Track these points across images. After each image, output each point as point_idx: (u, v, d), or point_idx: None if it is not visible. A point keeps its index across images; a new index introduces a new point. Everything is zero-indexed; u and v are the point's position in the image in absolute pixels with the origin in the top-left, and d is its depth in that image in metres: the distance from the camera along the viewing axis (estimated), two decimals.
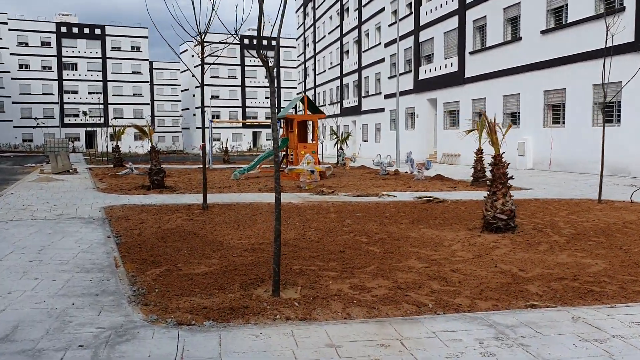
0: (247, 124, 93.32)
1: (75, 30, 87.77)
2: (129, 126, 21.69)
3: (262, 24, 5.16)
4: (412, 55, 36.86)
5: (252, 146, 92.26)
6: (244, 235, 8.23)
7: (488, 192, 8.51)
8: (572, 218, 9.96)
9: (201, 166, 29.99)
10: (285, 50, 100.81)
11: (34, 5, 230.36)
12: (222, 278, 5.71)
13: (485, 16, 28.08)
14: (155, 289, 5.29)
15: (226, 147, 38.17)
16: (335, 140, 31.87)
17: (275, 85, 5.79)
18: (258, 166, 22.32)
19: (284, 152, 22.80)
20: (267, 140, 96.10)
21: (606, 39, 12.24)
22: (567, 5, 22.30)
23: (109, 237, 7.89)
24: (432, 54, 34.39)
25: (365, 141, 47.12)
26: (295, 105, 22.13)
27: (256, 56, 5.39)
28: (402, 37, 38.24)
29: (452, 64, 31.64)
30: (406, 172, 24.61)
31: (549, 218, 9.99)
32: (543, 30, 23.53)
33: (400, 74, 38.78)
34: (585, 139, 21.04)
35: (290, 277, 5.74)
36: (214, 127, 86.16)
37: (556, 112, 23.43)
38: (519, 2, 25.32)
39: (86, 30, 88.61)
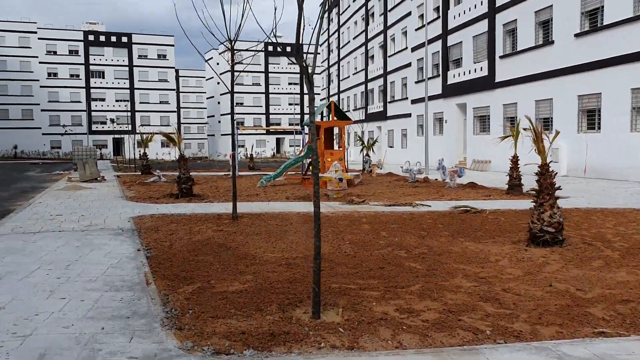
0: (271, 130, 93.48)
1: (102, 38, 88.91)
2: (157, 133, 21.58)
3: (303, 27, 4.83)
4: (440, 60, 36.31)
5: (275, 152, 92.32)
6: (276, 248, 7.89)
7: (534, 203, 8.05)
8: (621, 230, 9.42)
9: (228, 173, 30.05)
10: (309, 56, 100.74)
11: (62, 15, 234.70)
12: (258, 297, 5.38)
13: (516, 20, 27.46)
14: (189, 309, 4.98)
15: (251, 154, 38.01)
16: (361, 146, 31.45)
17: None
18: (284, 173, 22.04)
19: (310, 160, 22.44)
20: (290, 146, 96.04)
21: None
22: (602, 7, 21.63)
23: (138, 251, 7.63)
24: (461, 58, 33.82)
25: (390, 147, 46.59)
26: (322, 112, 21.80)
27: (295, 62, 5.04)
28: (429, 41, 37.67)
29: (481, 68, 31.05)
30: (436, 179, 24.10)
31: (595, 230, 9.47)
32: (577, 34, 22.86)
33: (428, 79, 38.29)
34: (622, 145, 20.32)
35: (329, 297, 5.38)
36: (240, 134, 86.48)
37: (591, 117, 22.72)
38: (551, 5, 24.67)
39: (113, 39, 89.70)
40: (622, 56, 20.27)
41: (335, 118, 21.28)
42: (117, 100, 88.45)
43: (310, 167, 22.08)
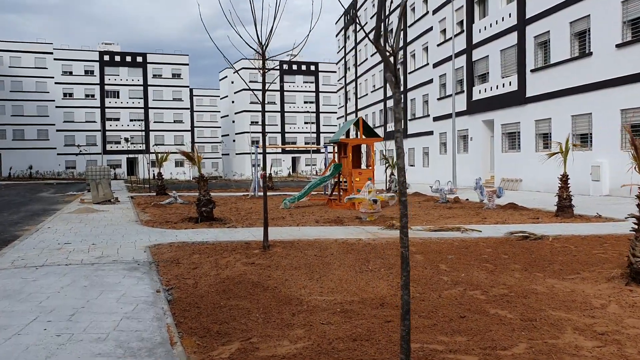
0: (286, 149, 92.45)
1: (117, 58, 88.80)
2: (175, 152, 20.43)
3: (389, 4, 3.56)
4: (465, 75, 35.00)
5: (291, 172, 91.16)
6: (324, 288, 6.54)
7: (635, 234, 6.65)
8: None
9: (247, 194, 28.78)
10: (324, 75, 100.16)
11: (78, 35, 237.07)
12: None
13: (549, 31, 26.14)
14: None
15: (270, 174, 36.77)
16: (386, 165, 30.10)
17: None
18: (309, 194, 20.76)
19: (336, 180, 21.17)
20: (306, 165, 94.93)
21: None
22: None
23: (158, 292, 6.31)
24: (487, 72, 32.49)
25: (412, 166, 45.19)
26: (349, 129, 20.57)
27: (376, 47, 3.76)
28: (452, 57, 36.48)
29: (510, 82, 29.69)
30: (467, 199, 22.69)
31: None
32: (618, 44, 21.48)
33: (451, 95, 36.98)
34: None
35: None
36: (253, 153, 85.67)
37: (636, 133, 21.20)
38: (588, 15, 23.35)
39: (128, 59, 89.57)
40: None
41: (363, 136, 19.98)
42: (131, 120, 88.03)
43: (337, 188, 20.78)
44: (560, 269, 7.62)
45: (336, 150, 21.30)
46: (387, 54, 3.70)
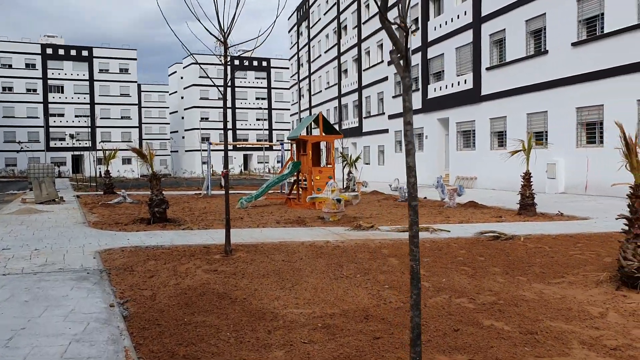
0: (237, 146, 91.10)
1: (61, 52, 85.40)
2: (124, 149, 19.37)
3: None
4: (420, 73, 34.92)
5: (243, 169, 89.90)
6: (299, 298, 5.94)
7: (626, 235, 6.32)
8: None
9: (199, 192, 27.80)
10: (276, 71, 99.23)
11: (18, 28, 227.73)
12: None
13: (504, 29, 26.23)
14: None
15: (222, 172, 35.81)
16: (344, 163, 29.67)
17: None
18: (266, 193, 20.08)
19: (295, 178, 20.57)
20: (258, 163, 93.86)
21: None
22: (602, 14, 20.46)
23: (112, 307, 5.57)
24: (442, 71, 32.50)
25: (367, 164, 44.96)
26: (308, 126, 19.99)
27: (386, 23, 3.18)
28: None
29: (465, 80, 29.74)
30: (425, 197, 22.49)
31: None
32: (574, 43, 21.65)
33: None
34: None
35: None
36: (205, 150, 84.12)
37: (591, 131, 21.45)
38: (544, 14, 23.50)
39: (73, 52, 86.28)
40: (627, 65, 19.06)
41: (323, 133, 19.44)
42: (76, 116, 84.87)
43: (295, 186, 20.18)
44: (542, 272, 7.26)
45: (295, 148, 20.70)
46: (397, 27, 3.11)
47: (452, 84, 31.22)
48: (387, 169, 40.78)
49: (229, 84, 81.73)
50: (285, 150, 30.00)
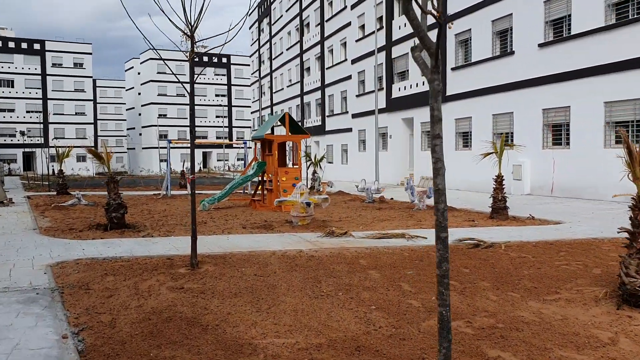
0: (196, 144, 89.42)
1: (11, 44, 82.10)
2: (78, 147, 18.29)
3: None
4: (384, 72, 34.59)
5: (202, 167, 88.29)
6: (279, 324, 5.31)
7: (628, 250, 5.92)
8: None
9: (157, 193, 26.75)
10: (236, 68, 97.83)
11: None
12: None
13: (470, 29, 26.09)
14: None
15: (183, 171, 34.74)
16: (308, 162, 29.08)
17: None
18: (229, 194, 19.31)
19: (260, 179, 19.88)
20: (218, 160, 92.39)
21: None
22: (569, 16, 20.42)
23: (65, 338, 4.83)
24: (407, 70, 32.25)
25: (330, 163, 44.51)
26: (273, 125, 19.28)
27: None
28: (372, 53, 36.01)
29: None
30: (392, 198, 22.15)
31: None
32: (541, 44, 21.59)
33: (371, 92, 36.56)
34: (596, 162, 18.98)
35: None
36: (163, 148, 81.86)
37: (557, 132, 21.44)
38: (511, 14, 23.39)
39: (24, 45, 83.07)
40: (593, 67, 19.05)
41: (289, 132, 18.80)
42: (28, 111, 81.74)
43: (260, 187, 19.49)
44: (534, 287, 6.83)
45: (259, 148, 20.00)
46: (430, 17, 2.54)
47: (417, 84, 30.98)
48: (351, 168, 40.41)
49: (187, 80, 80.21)
50: (249, 148, 29.22)
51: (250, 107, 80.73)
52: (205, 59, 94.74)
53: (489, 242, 9.88)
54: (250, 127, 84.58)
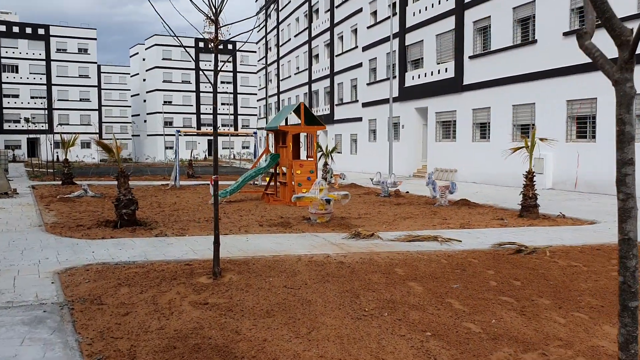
0: (201, 131, 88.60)
1: (16, 29, 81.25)
2: (83, 133, 17.54)
3: None
4: (397, 60, 33.67)
5: (207, 155, 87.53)
6: (325, 357, 4.57)
7: None
8: None
9: (166, 183, 26.01)
10: (242, 54, 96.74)
11: None
12: None
13: (490, 16, 25.18)
14: None
15: (191, 160, 34.01)
16: (320, 154, 28.26)
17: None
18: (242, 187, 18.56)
19: (272, 172, 19.15)
20: (223, 149, 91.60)
21: None
22: None
23: None
24: (421, 58, 31.35)
25: (339, 153, 43.69)
26: (288, 115, 18.46)
27: None
28: (384, 40, 35.14)
29: (446, 69, 28.65)
30: (407, 192, 21.40)
31: None
32: (566, 32, 20.70)
33: (382, 80, 35.71)
34: None
35: None
36: (168, 135, 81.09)
37: (583, 125, 20.62)
38: (533, 1, 22.47)
39: (28, 30, 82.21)
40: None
41: (304, 123, 18.02)
42: (32, 97, 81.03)
43: (274, 180, 18.76)
44: (600, 306, 6.08)
45: (272, 139, 19.22)
46: None
47: (432, 72, 30.10)
48: (361, 159, 39.65)
49: (193, 67, 78.46)
50: (255, 136, 28.43)
51: (256, 94, 79.77)
52: (210, 45, 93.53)
53: (531, 247, 9.13)
54: (256, 115, 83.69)
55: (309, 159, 18.78)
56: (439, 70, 29.40)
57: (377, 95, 36.40)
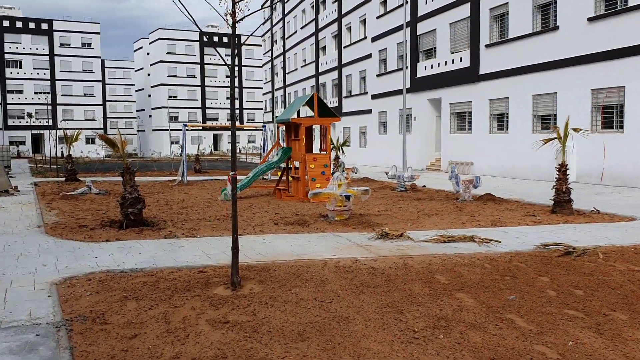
0: (207, 125, 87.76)
1: (19, 24, 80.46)
2: (87, 128, 16.71)
3: None
4: (408, 50, 32.60)
5: (213, 150, 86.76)
6: None
7: None
8: None
9: (173, 179, 25.17)
10: (247, 48, 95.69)
11: None
12: None
13: (507, 3, 24.15)
14: None
15: (197, 155, 33.18)
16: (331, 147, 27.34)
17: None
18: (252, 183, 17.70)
19: (284, 166, 18.29)
20: (228, 143, 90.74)
21: None
22: None
23: None
24: (434, 48, 30.34)
25: (347, 146, 42.69)
26: (302, 106, 17.53)
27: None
28: (394, 30, 34.18)
29: (461, 58, 27.65)
30: (424, 185, 20.50)
31: None
32: (591, 17, 19.69)
33: (393, 71, 34.76)
34: None
35: None
36: (174, 130, 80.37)
37: (608, 115, 19.63)
38: None
39: (31, 25, 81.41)
40: None
41: (317, 115, 17.12)
42: (36, 93, 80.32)
43: (286, 175, 17.92)
44: None
45: (283, 132, 18.33)
46: None
47: (445, 62, 29.11)
48: (370, 152, 38.75)
49: (197, 61, 77.49)
50: (262, 130, 27.49)
51: (262, 88, 78.81)
52: (216, 39, 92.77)
53: (580, 249, 8.23)
54: (262, 109, 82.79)
55: (322, 152, 17.89)
56: (453, 60, 28.42)
57: (388, 87, 35.44)
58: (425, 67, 31.16)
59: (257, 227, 11.14)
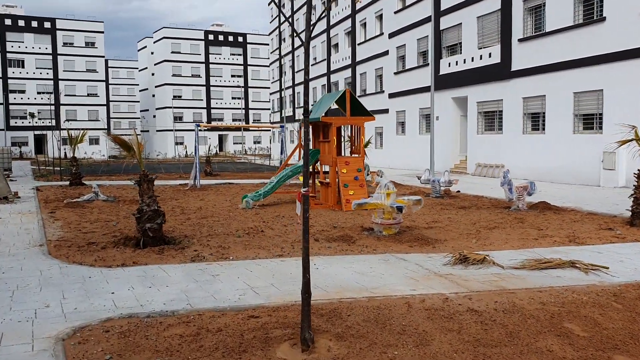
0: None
1: (21, 23, 78.82)
2: (92, 129, 15.01)
3: None
4: (431, 46, 30.83)
5: (218, 151, 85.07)
6: None
7: None
8: None
9: (184, 182, 23.43)
10: (253, 47, 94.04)
11: None
12: None
13: None
14: None
15: (208, 157, 31.50)
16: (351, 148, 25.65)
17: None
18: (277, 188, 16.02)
19: (313, 170, 16.62)
20: (234, 144, 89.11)
21: None
22: None
23: None
24: (459, 43, 28.61)
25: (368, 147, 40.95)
26: (333, 104, 15.84)
27: None
28: (414, 25, 32.49)
29: (490, 54, 25.92)
30: (458, 191, 18.82)
31: None
32: None
33: (413, 69, 33.06)
34: None
35: None
36: (179, 130, 78.77)
37: None
38: None
39: (34, 24, 79.77)
40: None
41: (349, 114, 15.45)
42: (39, 93, 78.61)
43: (313, 180, 16.26)
44: None
45: (300, 133, 16.64)
46: None
47: (472, 58, 27.38)
48: (387, 153, 37.00)
49: (202, 60, 75.83)
50: (280, 130, 25.77)
51: (269, 87, 77.13)
52: (221, 38, 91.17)
53: None
54: (268, 109, 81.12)
55: (353, 155, 16.21)
56: (480, 56, 26.69)
57: (407, 85, 33.73)
58: (449, 63, 29.44)
59: (296, 244, 9.45)
